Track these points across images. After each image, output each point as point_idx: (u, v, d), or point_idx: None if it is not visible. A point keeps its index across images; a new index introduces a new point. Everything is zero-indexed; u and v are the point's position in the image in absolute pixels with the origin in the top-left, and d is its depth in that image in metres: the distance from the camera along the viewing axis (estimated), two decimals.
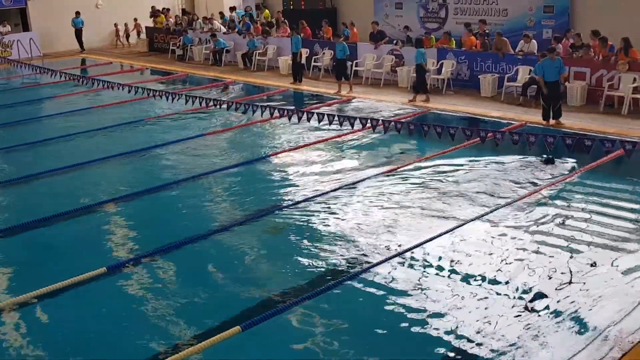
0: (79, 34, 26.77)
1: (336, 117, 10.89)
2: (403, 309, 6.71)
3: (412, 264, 7.70)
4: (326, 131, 13.27)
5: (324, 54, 19.85)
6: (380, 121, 10.97)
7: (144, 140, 13.56)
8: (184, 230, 8.83)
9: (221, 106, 13.12)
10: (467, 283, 7.20)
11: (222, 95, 18.05)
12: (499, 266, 7.55)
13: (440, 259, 7.75)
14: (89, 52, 26.84)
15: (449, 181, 10.35)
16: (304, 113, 11.57)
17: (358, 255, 7.93)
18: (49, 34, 26.69)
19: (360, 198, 9.81)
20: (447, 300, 6.86)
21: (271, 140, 13.44)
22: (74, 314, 6.99)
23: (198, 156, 12.45)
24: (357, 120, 10.68)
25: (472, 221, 8.75)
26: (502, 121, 13.59)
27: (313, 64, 20.00)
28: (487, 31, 17.28)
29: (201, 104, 13.07)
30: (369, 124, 10.53)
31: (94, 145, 13.47)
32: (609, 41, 14.53)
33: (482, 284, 7.15)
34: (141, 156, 12.58)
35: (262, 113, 12.15)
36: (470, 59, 16.81)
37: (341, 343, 6.20)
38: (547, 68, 12.97)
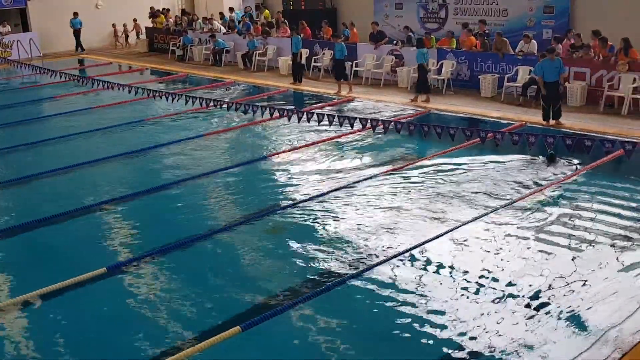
0: (77, 34, 26.78)
1: (336, 118, 10.90)
2: (403, 309, 6.71)
3: (413, 264, 7.70)
4: (326, 131, 13.27)
5: (323, 54, 19.85)
6: (380, 121, 10.97)
7: (144, 140, 13.57)
8: (184, 230, 8.84)
9: (221, 106, 13.12)
10: (468, 283, 7.19)
11: (224, 95, 18.03)
12: (499, 266, 7.55)
13: (440, 260, 7.74)
14: (89, 52, 26.85)
15: (449, 181, 10.35)
16: (304, 113, 11.57)
17: (358, 255, 7.92)
18: (49, 34, 26.69)
19: (360, 198, 9.81)
20: (448, 300, 6.86)
21: (271, 141, 13.44)
22: (73, 314, 7.00)
23: (198, 156, 12.45)
24: (357, 121, 10.69)
25: (472, 221, 8.74)
26: (502, 121, 13.60)
27: (313, 64, 20.01)
28: (487, 31, 17.29)
29: (201, 104, 13.07)
30: (369, 124, 10.52)
31: (94, 145, 13.47)
32: (609, 41, 14.54)
33: (483, 284, 7.15)
34: (141, 156, 12.58)
35: (262, 113, 12.15)
36: (470, 59, 16.82)
37: (341, 343, 6.20)
38: (547, 68, 12.96)
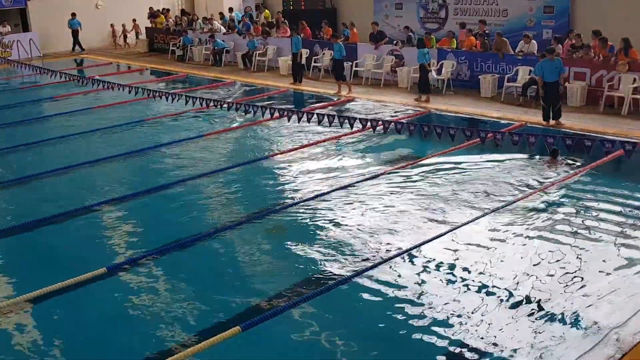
0: (76, 35, 26.76)
1: (336, 118, 10.89)
2: (403, 309, 6.71)
3: (413, 264, 7.70)
4: (326, 131, 13.27)
5: (323, 54, 19.85)
6: (380, 121, 10.97)
7: (144, 140, 13.57)
8: (183, 230, 8.83)
9: (221, 107, 13.11)
10: (468, 283, 7.19)
11: (224, 95, 18.03)
12: (500, 266, 7.55)
13: (440, 260, 7.74)
14: (89, 52, 26.85)
15: (449, 181, 10.35)
16: (304, 113, 11.57)
17: (358, 255, 7.92)
18: (49, 34, 26.70)
19: (360, 198, 9.81)
20: (448, 300, 6.85)
21: (271, 141, 13.43)
22: (73, 314, 7.00)
23: (198, 156, 12.44)
24: (357, 121, 10.68)
25: (473, 221, 8.74)
26: (502, 121, 13.60)
27: (313, 64, 20.01)
28: (487, 31, 17.29)
29: (201, 104, 13.07)
30: (369, 124, 10.52)
31: (94, 145, 13.46)
32: (609, 41, 14.54)
33: (483, 284, 7.15)
34: (141, 156, 12.57)
35: (263, 113, 12.15)
36: (471, 59, 16.82)
37: (341, 343, 6.20)
38: (547, 68, 12.96)
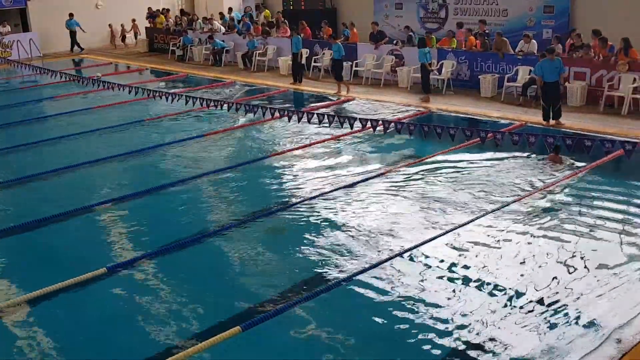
0: (73, 35, 26.74)
1: (336, 118, 10.89)
2: (404, 309, 6.71)
3: (413, 264, 7.70)
4: (326, 132, 13.26)
5: (323, 54, 19.85)
6: (380, 121, 10.96)
7: (144, 140, 13.58)
8: (183, 230, 8.84)
9: (221, 107, 13.11)
10: (468, 283, 7.20)
11: (224, 95, 18.02)
12: (500, 266, 7.55)
13: (441, 260, 7.74)
14: (89, 52, 26.84)
15: (449, 181, 10.35)
16: (304, 113, 11.56)
17: (358, 255, 7.92)
18: (49, 34, 26.69)
19: (360, 198, 9.81)
20: (448, 300, 6.86)
21: (271, 141, 13.43)
22: (74, 314, 7.00)
23: (198, 156, 12.45)
24: (357, 121, 10.68)
25: (473, 221, 8.74)
26: (502, 121, 13.60)
27: (313, 64, 20.01)
28: (487, 31, 17.28)
29: (201, 104, 13.06)
30: (368, 124, 10.51)
31: (94, 145, 13.47)
32: (609, 41, 14.53)
33: (484, 284, 7.15)
34: (141, 156, 12.58)
35: (263, 113, 12.14)
36: (471, 59, 16.82)
37: (341, 343, 6.20)
38: (547, 68, 12.96)
